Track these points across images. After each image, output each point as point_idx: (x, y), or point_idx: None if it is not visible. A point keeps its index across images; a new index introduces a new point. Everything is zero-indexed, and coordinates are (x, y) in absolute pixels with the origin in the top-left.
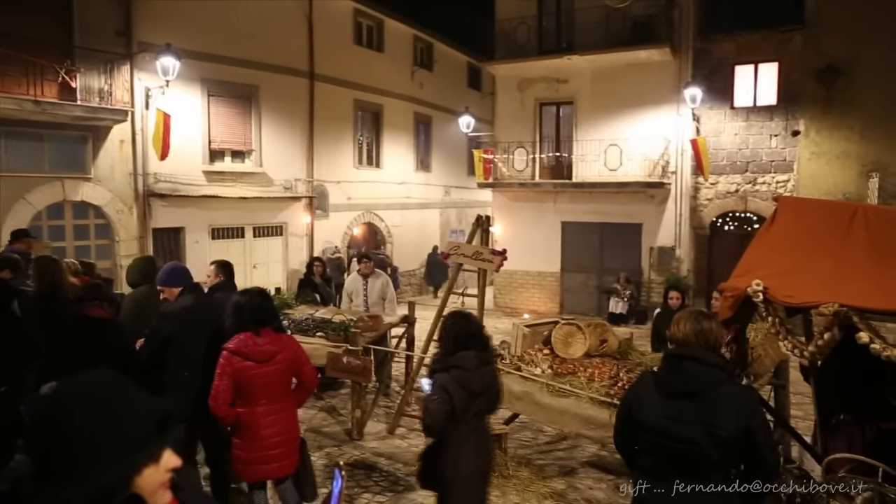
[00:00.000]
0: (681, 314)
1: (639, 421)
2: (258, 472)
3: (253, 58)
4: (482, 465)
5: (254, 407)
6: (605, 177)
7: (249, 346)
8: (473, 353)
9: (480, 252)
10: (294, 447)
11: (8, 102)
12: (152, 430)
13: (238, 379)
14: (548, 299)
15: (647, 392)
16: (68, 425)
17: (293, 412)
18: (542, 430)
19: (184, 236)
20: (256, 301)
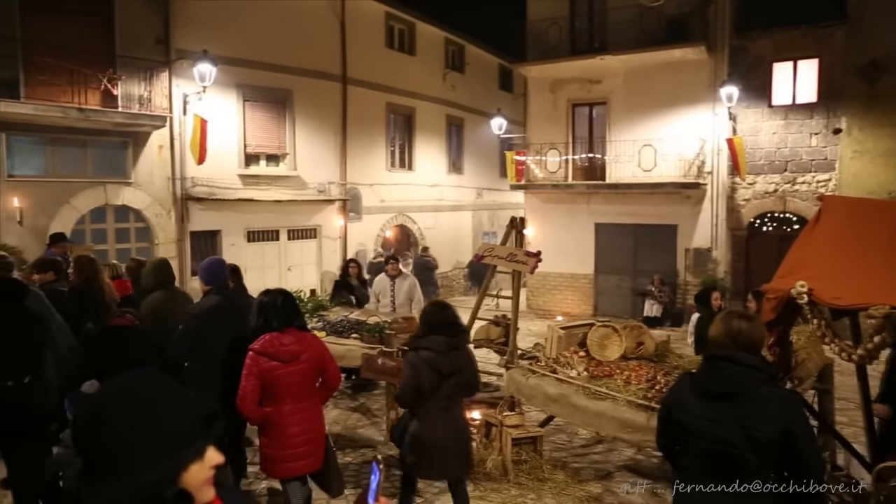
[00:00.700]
0: (721, 315)
1: (678, 422)
2: (286, 469)
3: (287, 63)
4: (454, 442)
5: (280, 406)
6: (639, 178)
7: (275, 346)
8: (444, 338)
9: (515, 254)
10: (320, 444)
11: (54, 111)
12: (197, 428)
13: (264, 379)
14: (581, 301)
15: (686, 393)
16: (118, 424)
17: (318, 410)
18: (577, 432)
19: (220, 239)
20: (280, 300)
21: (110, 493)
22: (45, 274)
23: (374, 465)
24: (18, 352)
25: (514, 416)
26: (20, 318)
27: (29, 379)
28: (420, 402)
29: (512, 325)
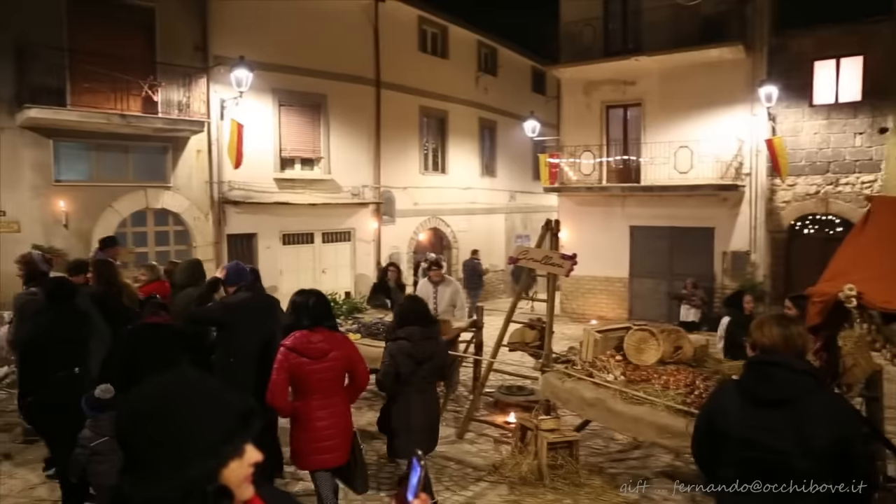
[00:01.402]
0: (764, 318)
1: (722, 432)
2: (314, 461)
3: (321, 67)
4: (426, 420)
5: (308, 401)
6: (675, 180)
7: (305, 343)
8: (417, 328)
9: (550, 257)
10: (346, 440)
11: (98, 117)
12: (237, 425)
13: (294, 374)
14: (616, 305)
15: (731, 401)
16: (161, 422)
17: (346, 407)
18: (613, 437)
19: (256, 242)
20: (312, 300)
21: (153, 489)
22: (78, 277)
23: (415, 460)
24: (70, 345)
25: (549, 419)
26: (71, 315)
27: (79, 370)
28: (398, 387)
29: (547, 328)
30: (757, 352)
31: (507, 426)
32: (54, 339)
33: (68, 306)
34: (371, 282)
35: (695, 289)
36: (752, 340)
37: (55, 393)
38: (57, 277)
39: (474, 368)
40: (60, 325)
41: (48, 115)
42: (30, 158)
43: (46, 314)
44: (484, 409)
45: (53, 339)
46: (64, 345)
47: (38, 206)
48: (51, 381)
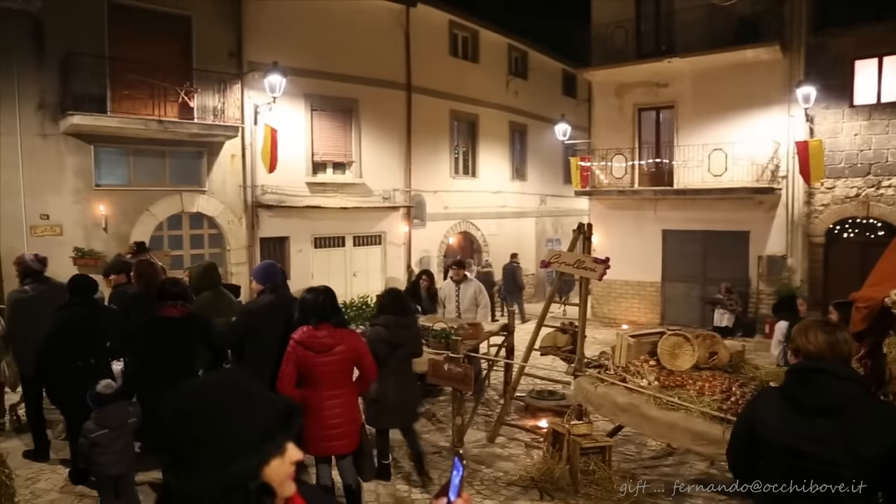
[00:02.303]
0: (808, 324)
1: (764, 441)
2: (321, 447)
3: (353, 72)
4: (401, 396)
5: (317, 391)
6: (708, 183)
7: (311, 338)
8: (393, 317)
9: (582, 260)
10: (354, 429)
11: (137, 123)
12: (278, 424)
13: (302, 366)
14: (648, 310)
15: (772, 409)
16: (200, 420)
17: (354, 398)
18: (645, 443)
19: (288, 245)
20: (320, 298)
21: (196, 486)
22: (119, 276)
23: (457, 460)
24: (89, 337)
25: (582, 425)
26: (91, 310)
27: (95, 361)
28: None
29: (580, 332)
30: (800, 358)
31: (538, 431)
32: (74, 331)
33: (88, 300)
34: (401, 285)
35: (729, 293)
36: (796, 346)
37: (72, 381)
38: (79, 274)
39: (505, 372)
40: (80, 317)
41: (90, 121)
42: (72, 164)
43: (68, 307)
44: (514, 413)
45: (73, 331)
46: (83, 336)
47: (79, 210)
48: (69, 370)
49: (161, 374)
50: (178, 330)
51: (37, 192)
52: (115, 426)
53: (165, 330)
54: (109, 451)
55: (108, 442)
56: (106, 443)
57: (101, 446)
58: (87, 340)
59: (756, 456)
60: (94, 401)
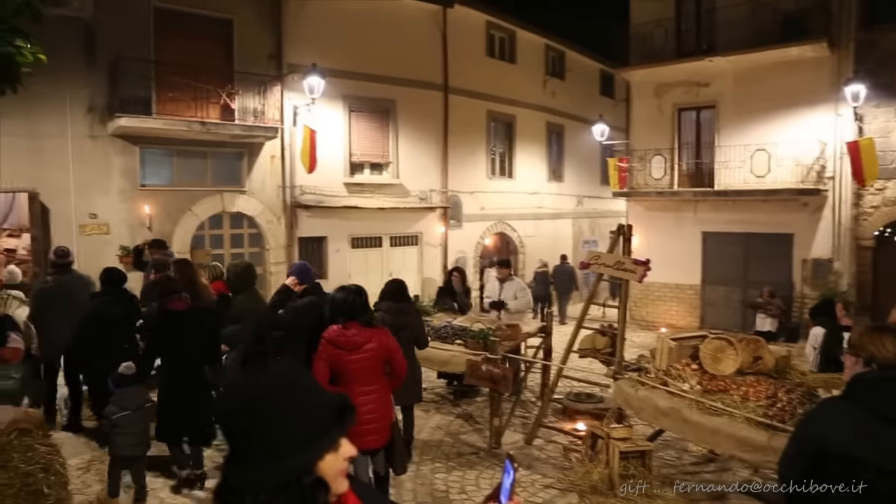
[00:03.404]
0: (876, 329)
1: (837, 455)
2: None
3: (390, 74)
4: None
5: (349, 388)
6: (750, 184)
7: (340, 336)
8: (392, 303)
9: (622, 262)
10: (385, 424)
11: (180, 124)
12: (332, 420)
13: (333, 363)
14: (687, 313)
15: (840, 419)
16: (263, 413)
17: (385, 394)
18: (687, 449)
19: (326, 245)
20: (350, 298)
21: (252, 479)
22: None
23: (508, 463)
24: (117, 323)
25: (621, 428)
26: (122, 298)
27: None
28: None
29: (619, 334)
30: (872, 366)
31: (576, 433)
32: (104, 318)
33: (118, 290)
34: (437, 285)
35: (772, 297)
36: (869, 354)
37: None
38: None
39: (542, 374)
40: (110, 305)
41: (136, 123)
42: (119, 164)
43: (100, 297)
44: (552, 415)
45: (103, 318)
46: (111, 322)
47: (125, 210)
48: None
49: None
50: (182, 321)
51: (85, 191)
52: (133, 408)
53: (172, 321)
54: (127, 432)
55: (127, 423)
56: (125, 424)
57: (120, 427)
58: (115, 326)
59: (815, 467)
60: (116, 382)
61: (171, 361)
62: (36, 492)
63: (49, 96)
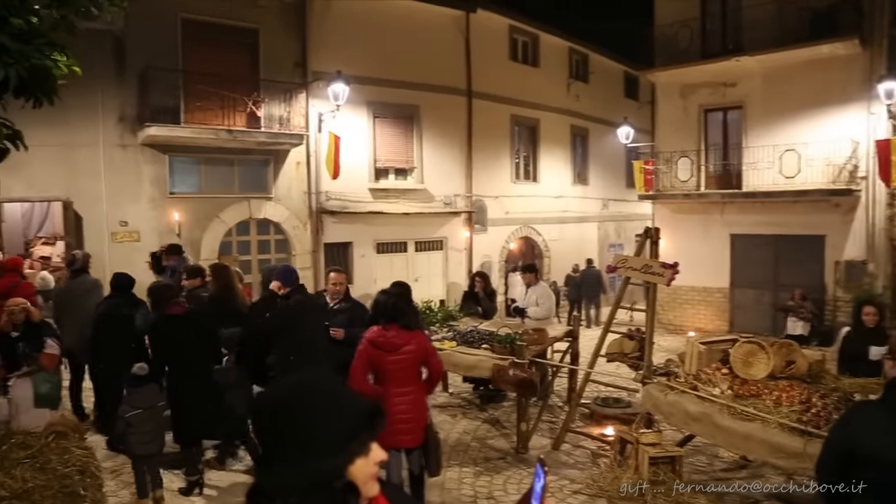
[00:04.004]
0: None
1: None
2: (390, 440)
3: (414, 79)
4: None
5: (388, 387)
6: (780, 185)
7: (380, 338)
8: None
9: (650, 265)
10: (420, 425)
11: (208, 133)
12: (363, 424)
13: (373, 363)
14: (715, 317)
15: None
16: (290, 417)
17: (421, 396)
18: (717, 455)
19: (352, 250)
20: (390, 301)
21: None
22: (194, 280)
23: (539, 466)
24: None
25: (651, 433)
26: (129, 302)
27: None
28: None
29: (647, 338)
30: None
31: (604, 438)
32: (112, 320)
33: (126, 294)
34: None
35: (803, 300)
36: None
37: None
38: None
39: (569, 378)
40: (117, 308)
41: (165, 132)
42: (149, 173)
43: (109, 300)
44: (579, 420)
45: (111, 320)
46: (119, 324)
47: (154, 217)
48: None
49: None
50: (181, 325)
51: (117, 199)
52: (146, 407)
53: (171, 325)
54: (140, 431)
55: (140, 422)
56: (138, 423)
57: (133, 426)
58: (123, 328)
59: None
60: (129, 382)
61: (173, 364)
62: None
63: (82, 107)
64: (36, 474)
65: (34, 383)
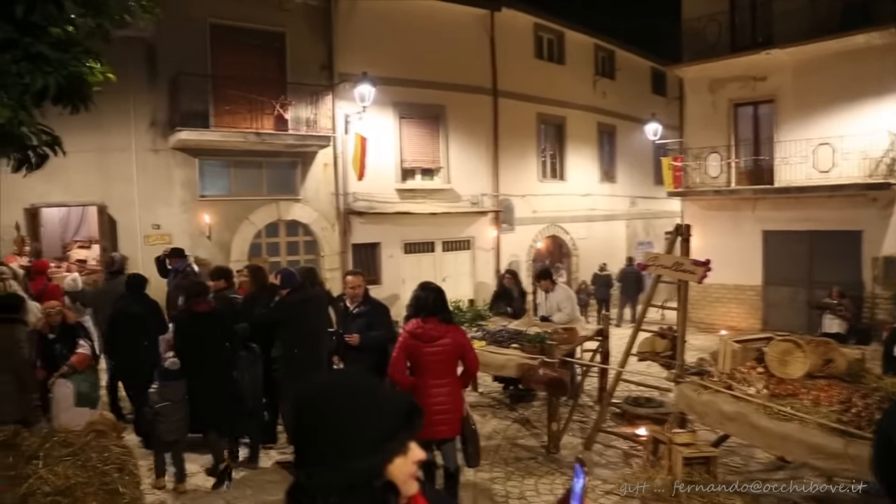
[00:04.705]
0: None
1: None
2: (428, 431)
3: (439, 79)
4: None
5: (425, 379)
6: (814, 180)
7: (418, 329)
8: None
9: (681, 263)
10: (456, 416)
11: (237, 136)
12: (401, 423)
13: (411, 354)
14: (747, 315)
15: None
16: (323, 418)
17: (457, 388)
18: (753, 455)
19: (379, 251)
20: (430, 297)
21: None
22: (218, 282)
23: (578, 467)
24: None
25: (685, 433)
26: (142, 302)
27: (147, 342)
28: None
29: (679, 337)
30: None
31: (636, 438)
32: (127, 318)
33: (139, 294)
34: (491, 290)
35: (842, 298)
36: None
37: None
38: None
39: (600, 378)
40: (130, 305)
41: (195, 136)
42: (180, 176)
43: (125, 299)
44: (611, 419)
45: (126, 318)
46: (132, 321)
47: (186, 220)
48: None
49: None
50: (207, 321)
51: (149, 203)
52: (175, 399)
53: (198, 321)
54: (168, 420)
55: (168, 413)
56: (167, 413)
57: (162, 416)
58: (136, 325)
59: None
60: (161, 376)
61: (194, 357)
62: (112, 490)
63: (115, 113)
64: (77, 471)
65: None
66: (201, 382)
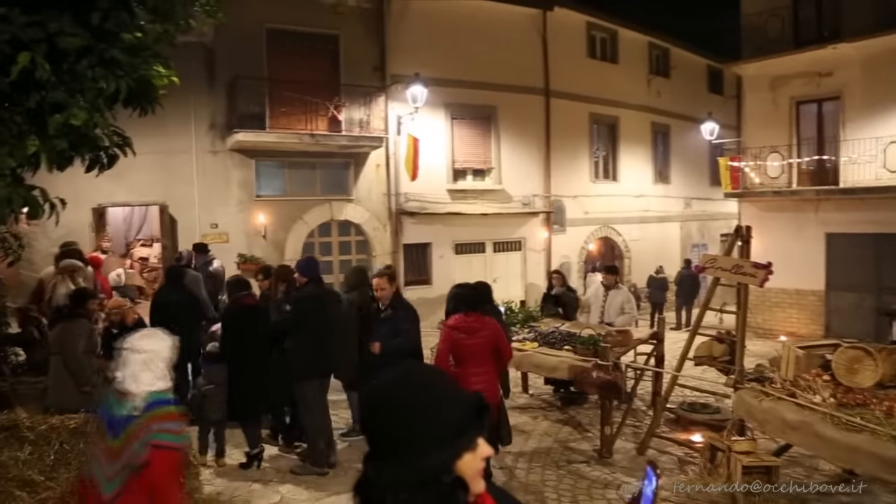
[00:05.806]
0: None
1: None
2: None
3: (491, 80)
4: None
5: (466, 368)
6: (883, 180)
7: (460, 323)
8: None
9: (741, 265)
10: (494, 402)
11: (292, 137)
12: (470, 419)
13: (454, 345)
14: (809, 321)
15: None
16: (393, 414)
17: (493, 376)
18: (817, 467)
19: (430, 251)
20: (467, 292)
21: (394, 475)
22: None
23: (650, 469)
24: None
25: (744, 441)
26: (182, 292)
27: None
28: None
29: (738, 342)
30: None
31: (692, 445)
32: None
33: (177, 285)
34: (541, 291)
35: None
36: None
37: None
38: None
39: (654, 382)
40: (167, 294)
41: (251, 138)
42: (237, 177)
43: (162, 290)
44: (665, 425)
45: (164, 307)
46: (170, 310)
47: (242, 220)
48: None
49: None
50: (251, 314)
51: (208, 203)
52: (219, 382)
53: (244, 313)
54: (213, 402)
55: (213, 395)
56: (212, 395)
57: (208, 398)
58: (173, 313)
59: None
60: (206, 360)
61: (237, 348)
62: None
63: (177, 116)
64: None
65: None
66: (244, 372)
